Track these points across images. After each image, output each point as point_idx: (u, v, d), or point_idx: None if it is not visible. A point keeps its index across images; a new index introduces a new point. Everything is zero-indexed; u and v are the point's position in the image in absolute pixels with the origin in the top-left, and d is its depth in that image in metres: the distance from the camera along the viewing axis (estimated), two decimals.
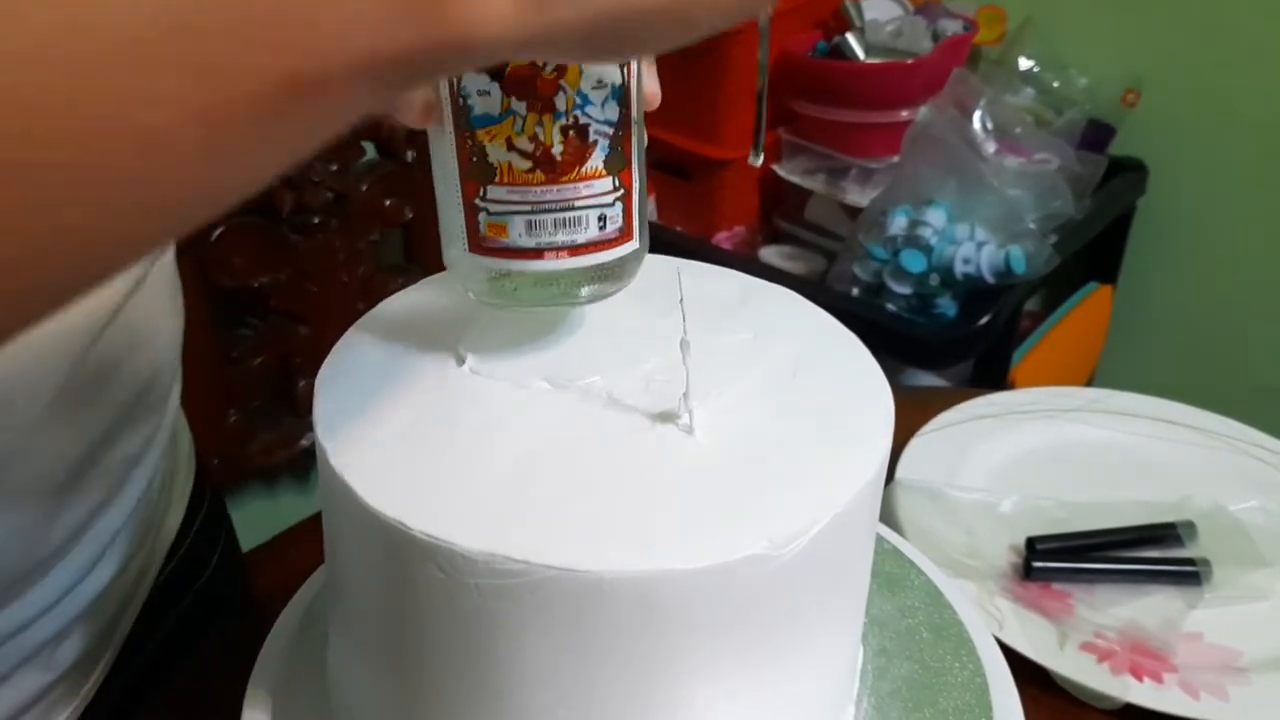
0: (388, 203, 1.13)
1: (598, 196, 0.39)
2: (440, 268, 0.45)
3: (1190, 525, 0.66)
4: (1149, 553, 0.65)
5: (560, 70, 0.37)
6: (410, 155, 1.13)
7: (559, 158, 0.38)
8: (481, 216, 0.39)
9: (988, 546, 0.65)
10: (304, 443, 1.15)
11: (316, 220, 1.07)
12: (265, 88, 0.23)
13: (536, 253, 0.39)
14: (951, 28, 1.50)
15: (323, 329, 1.11)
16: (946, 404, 0.78)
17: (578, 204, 0.39)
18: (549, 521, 0.34)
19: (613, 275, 0.41)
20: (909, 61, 1.44)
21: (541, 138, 0.37)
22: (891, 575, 0.53)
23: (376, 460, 0.36)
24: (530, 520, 0.34)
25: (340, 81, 0.24)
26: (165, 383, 0.57)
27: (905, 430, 0.40)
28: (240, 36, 0.22)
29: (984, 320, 1.31)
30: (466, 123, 0.37)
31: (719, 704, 0.37)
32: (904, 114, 1.41)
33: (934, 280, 1.31)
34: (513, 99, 0.37)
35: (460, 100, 0.37)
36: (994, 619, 0.60)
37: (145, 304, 0.52)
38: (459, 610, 0.34)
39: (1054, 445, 0.76)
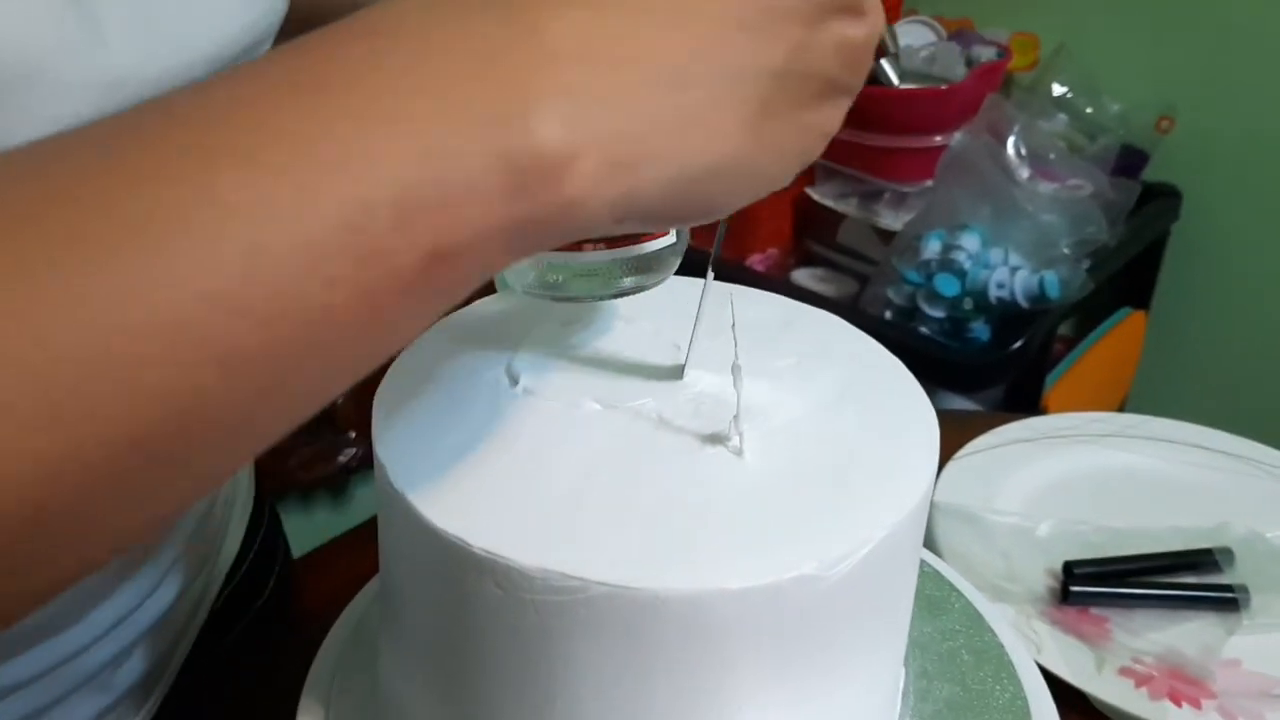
0: None
1: None
2: (481, 291, 0.46)
3: (1228, 551, 0.66)
4: (1187, 578, 0.65)
5: None
6: None
7: None
8: None
9: (1025, 570, 0.65)
10: (341, 459, 1.17)
11: None
12: (415, 263, 0.26)
13: (575, 245, 0.41)
14: (985, 54, 1.51)
15: None
16: (983, 428, 0.79)
17: None
18: (603, 540, 0.35)
19: (651, 268, 0.43)
20: (943, 88, 1.44)
21: None
22: (932, 598, 0.54)
23: (435, 478, 0.37)
24: (585, 538, 0.35)
25: (473, 249, 0.27)
26: None
27: (942, 454, 0.40)
28: (391, 222, 0.26)
29: (1017, 345, 1.31)
30: None
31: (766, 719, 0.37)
32: (938, 139, 1.42)
33: (967, 304, 1.31)
34: None
35: None
36: (1032, 643, 0.60)
37: None
38: (515, 625, 0.35)
39: (1090, 470, 0.76)
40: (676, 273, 0.51)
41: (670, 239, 0.43)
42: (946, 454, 0.73)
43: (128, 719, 0.55)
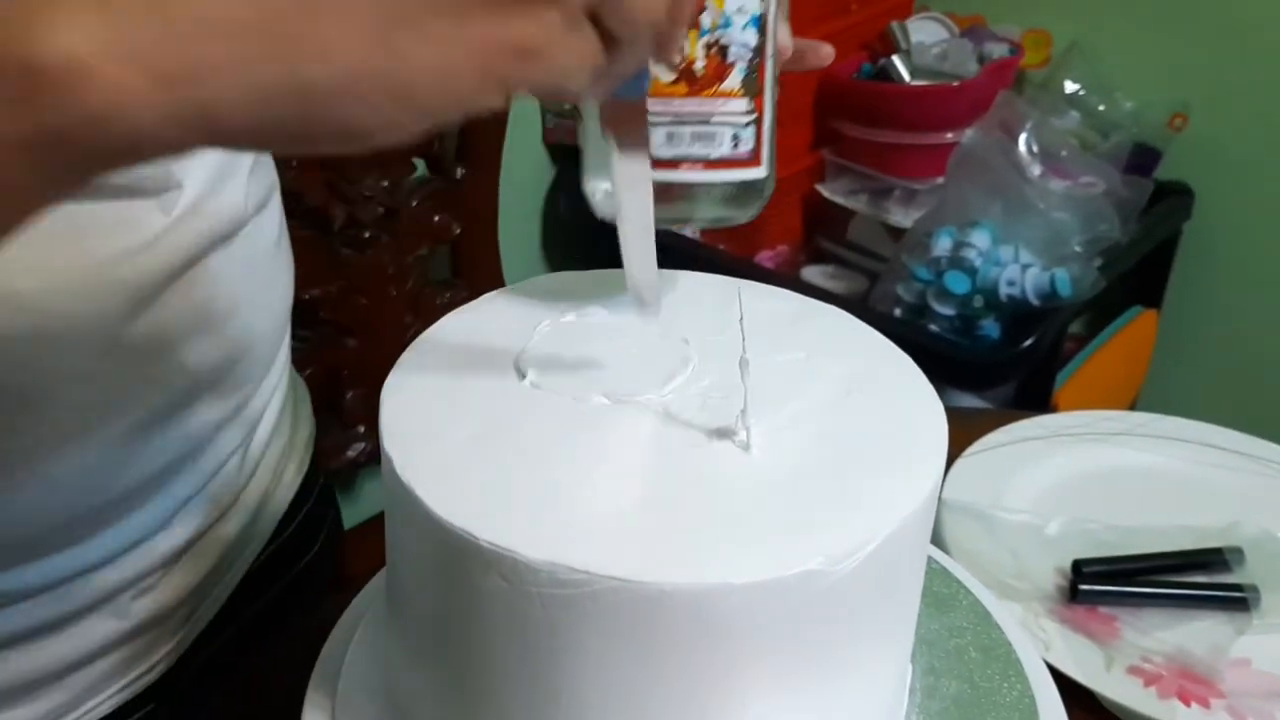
0: (437, 219, 1.15)
1: (733, 116, 0.42)
2: (488, 285, 0.48)
3: (1238, 551, 0.66)
4: (1196, 578, 0.65)
5: None
6: (460, 172, 1.15)
7: (700, 73, 0.41)
8: None
9: (1034, 568, 0.65)
10: (349, 454, 1.17)
11: (367, 235, 1.09)
12: None
13: (673, 164, 0.42)
14: (997, 51, 1.50)
15: (371, 342, 1.13)
16: (992, 425, 0.78)
17: (714, 119, 0.42)
18: (610, 533, 0.35)
19: (738, 201, 0.44)
20: (954, 84, 1.44)
21: (686, 51, 0.40)
22: (940, 595, 0.53)
23: (442, 471, 0.37)
24: (591, 532, 0.35)
25: None
26: (257, 360, 0.58)
27: (952, 451, 0.40)
28: None
29: (1028, 343, 1.30)
30: None
31: (771, 715, 0.37)
32: (949, 136, 1.41)
33: (978, 302, 1.31)
34: None
35: None
36: (1040, 641, 0.60)
37: (225, 273, 0.53)
38: (521, 618, 0.35)
39: (1100, 469, 0.76)
40: (684, 266, 0.51)
41: (757, 172, 0.43)
42: (956, 451, 0.73)
43: (149, 652, 0.57)
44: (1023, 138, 1.39)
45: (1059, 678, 0.51)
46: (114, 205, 0.46)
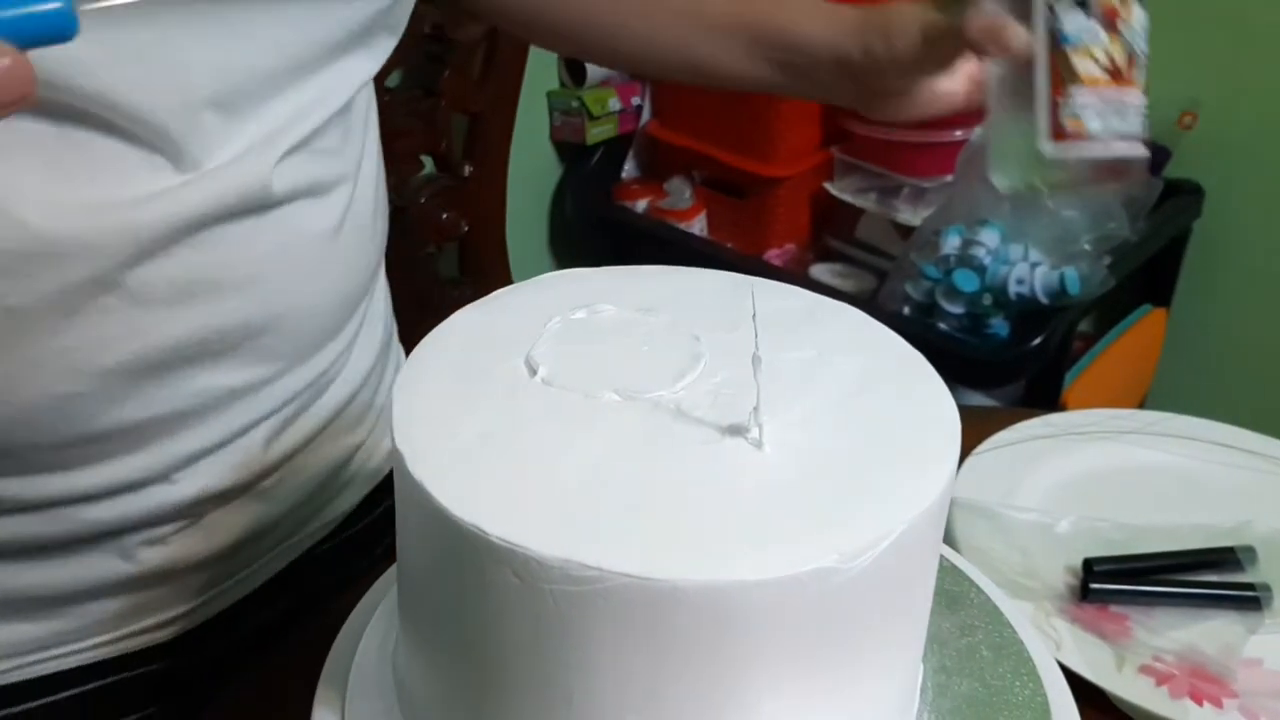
0: (444, 216, 1.15)
1: (1138, 104, 0.57)
2: (496, 283, 0.48)
3: (1250, 550, 0.66)
4: (1208, 577, 0.65)
5: (1126, 7, 0.55)
6: (467, 170, 1.15)
7: (1121, 70, 0.55)
8: (1064, 113, 0.55)
9: (1044, 567, 0.65)
10: None
11: None
12: None
13: (1103, 140, 0.55)
14: None
15: None
16: (1002, 424, 0.78)
17: (1128, 105, 0.56)
18: (622, 530, 0.35)
19: (1126, 174, 0.58)
20: None
21: (1113, 54, 0.55)
22: (951, 593, 0.53)
23: (453, 467, 0.37)
24: (604, 528, 0.35)
25: None
26: (290, 342, 0.58)
27: (961, 449, 0.40)
28: None
29: (1036, 341, 1.30)
30: (1058, 43, 0.55)
31: (784, 713, 0.37)
32: (958, 134, 1.41)
33: (987, 300, 1.31)
34: (1098, 26, 0.55)
35: (1057, 31, 0.55)
36: (1051, 640, 0.60)
37: (247, 248, 0.53)
38: (532, 615, 0.35)
39: (1111, 467, 0.76)
40: (693, 264, 0.51)
41: (1147, 151, 0.56)
42: (965, 450, 0.73)
43: (162, 608, 0.59)
44: None
45: (1070, 677, 0.51)
46: (129, 152, 0.48)
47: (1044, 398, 1.41)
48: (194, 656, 0.63)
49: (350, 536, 0.70)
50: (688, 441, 0.39)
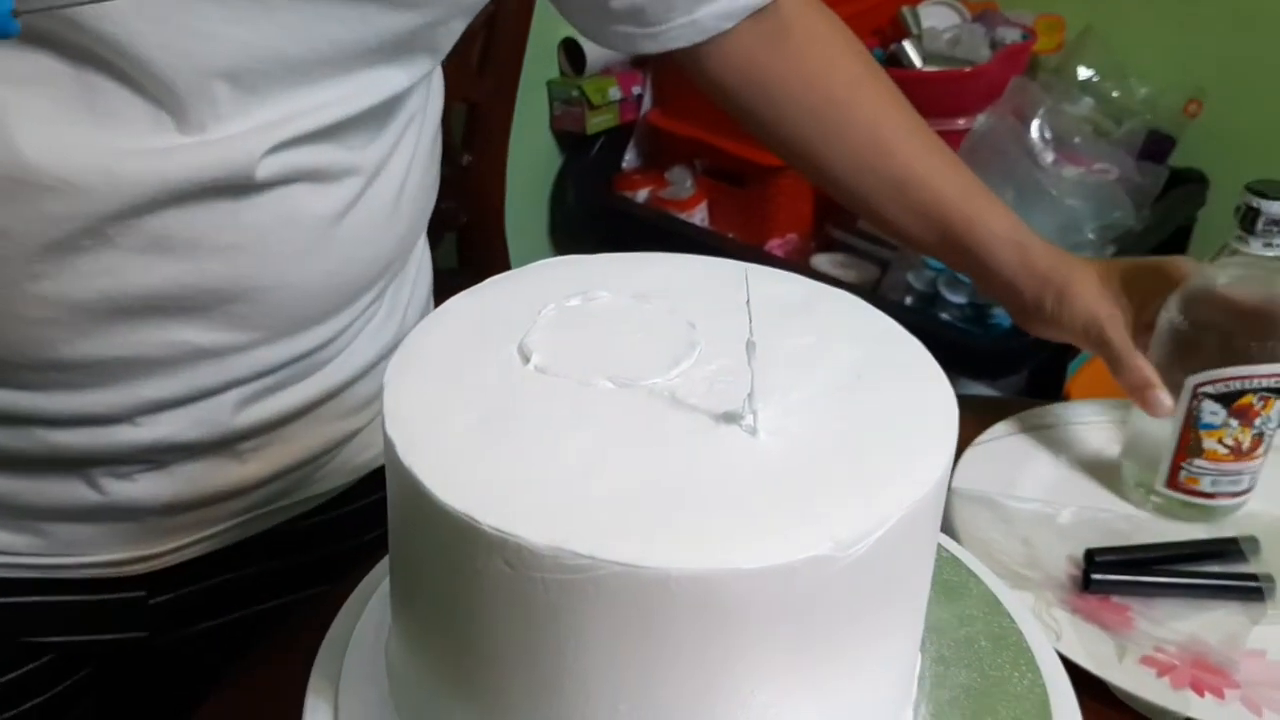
0: (444, 206, 1.14)
1: (1254, 471, 0.66)
2: (495, 272, 0.47)
3: (1253, 540, 0.65)
4: (1211, 567, 0.64)
5: (1265, 403, 0.63)
6: (467, 160, 1.15)
7: (1244, 450, 0.65)
8: (1183, 473, 0.66)
9: (1045, 557, 0.65)
10: None
11: None
12: None
13: (1212, 495, 0.66)
14: (1010, 36, 1.49)
15: None
16: (1004, 414, 0.78)
17: (1243, 474, 0.66)
18: (614, 518, 0.34)
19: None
20: (967, 70, 1.43)
21: (1240, 440, 0.64)
22: (950, 583, 0.53)
23: (445, 455, 0.37)
24: (596, 516, 0.34)
25: None
26: (272, 316, 0.58)
27: (962, 439, 0.40)
28: None
29: None
30: (1195, 423, 0.65)
31: (778, 703, 0.37)
32: (961, 122, 1.40)
33: None
34: (1232, 418, 0.64)
35: (1195, 414, 0.64)
36: (1051, 630, 0.60)
37: (235, 220, 0.53)
38: (524, 604, 0.35)
39: (1113, 458, 0.75)
40: (692, 252, 0.50)
41: (1249, 497, 0.68)
42: (967, 440, 0.72)
43: (135, 542, 0.62)
44: (1035, 124, 1.38)
45: (1070, 667, 0.50)
46: (136, 102, 0.49)
47: (1047, 388, 1.41)
48: (167, 603, 0.65)
49: (335, 519, 0.70)
50: (682, 429, 0.38)
